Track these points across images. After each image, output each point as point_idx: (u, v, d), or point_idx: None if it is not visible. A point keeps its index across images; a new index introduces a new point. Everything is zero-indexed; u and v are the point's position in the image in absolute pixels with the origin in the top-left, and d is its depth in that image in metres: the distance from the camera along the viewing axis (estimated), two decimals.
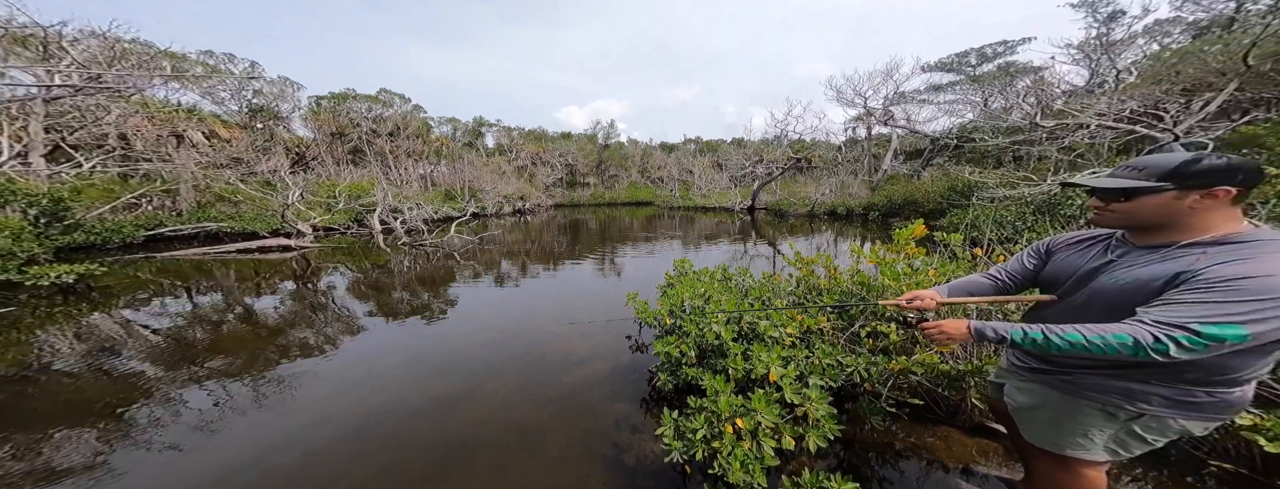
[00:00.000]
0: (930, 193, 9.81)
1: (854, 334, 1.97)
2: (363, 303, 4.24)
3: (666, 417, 1.50)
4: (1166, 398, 0.78)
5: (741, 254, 7.10)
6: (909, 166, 16.20)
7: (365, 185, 12.64)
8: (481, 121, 26.48)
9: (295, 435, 1.91)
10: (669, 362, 1.97)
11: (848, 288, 2.25)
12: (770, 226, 11.17)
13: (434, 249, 7.90)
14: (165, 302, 4.29)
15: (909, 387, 1.75)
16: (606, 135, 28.52)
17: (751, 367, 1.59)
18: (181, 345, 3.02)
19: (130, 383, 2.43)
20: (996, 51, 16.11)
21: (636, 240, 8.95)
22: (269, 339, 3.16)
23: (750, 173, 19.11)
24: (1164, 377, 0.76)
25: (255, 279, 5.38)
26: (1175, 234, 0.77)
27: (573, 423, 1.95)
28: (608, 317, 3.50)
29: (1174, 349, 0.66)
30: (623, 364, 2.58)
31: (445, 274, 5.66)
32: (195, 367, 2.65)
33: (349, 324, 3.54)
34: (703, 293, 2.33)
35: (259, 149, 13.50)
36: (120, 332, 3.34)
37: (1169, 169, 0.73)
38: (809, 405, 1.40)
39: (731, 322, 1.95)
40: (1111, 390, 0.82)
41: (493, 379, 2.42)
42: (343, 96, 18.88)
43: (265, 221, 9.05)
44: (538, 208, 19.67)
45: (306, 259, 6.87)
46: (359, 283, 5.20)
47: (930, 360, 1.58)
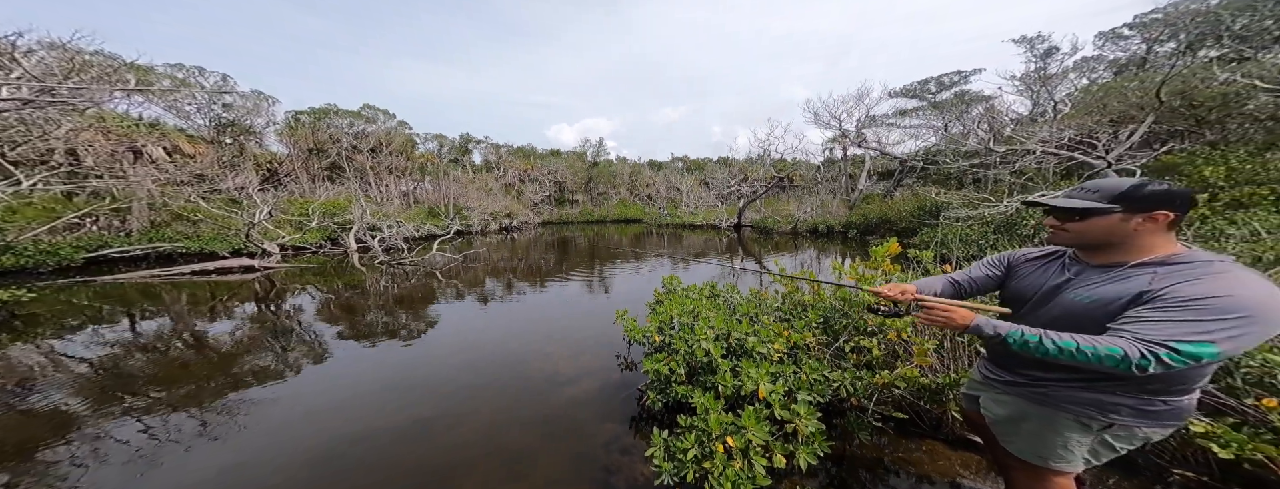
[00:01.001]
0: (902, 212, 10.41)
1: (839, 349, 2.02)
2: (332, 325, 3.99)
3: (656, 437, 1.47)
4: (1132, 408, 0.82)
5: (729, 271, 7.21)
6: (882, 186, 17.24)
7: (341, 202, 12.26)
8: (469, 138, 26.42)
9: (248, 469, 1.74)
10: (658, 380, 1.94)
11: (831, 304, 2.33)
12: (756, 243, 11.47)
13: (414, 268, 7.63)
14: (101, 330, 3.89)
15: (893, 400, 1.79)
16: (596, 153, 28.96)
17: (741, 383, 1.60)
18: (116, 376, 2.73)
19: (52, 419, 2.17)
20: (953, 80, 17.75)
21: (625, 258, 8.96)
22: (221, 366, 2.90)
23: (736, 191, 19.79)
24: (1129, 388, 0.81)
25: (211, 303, 5.01)
26: (1122, 254, 0.84)
27: (560, 446, 1.87)
28: (596, 335, 3.44)
29: (1154, 365, 0.70)
30: (612, 383, 2.52)
31: (425, 294, 5.45)
32: (132, 398, 2.39)
33: (315, 348, 3.31)
34: (691, 310, 2.35)
35: (226, 165, 12.93)
36: (45, 363, 2.99)
37: (1119, 192, 0.80)
38: (798, 422, 1.41)
39: (720, 338, 1.97)
40: (1084, 402, 0.85)
41: (475, 401, 2.31)
42: (324, 112, 18.51)
43: (226, 241, 8.56)
44: (525, 225, 19.47)
45: (271, 280, 6.48)
46: (329, 304, 4.92)
47: (911, 374, 1.64)
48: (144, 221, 8.65)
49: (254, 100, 16.75)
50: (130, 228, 8.46)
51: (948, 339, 1.91)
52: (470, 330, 3.82)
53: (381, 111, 20.22)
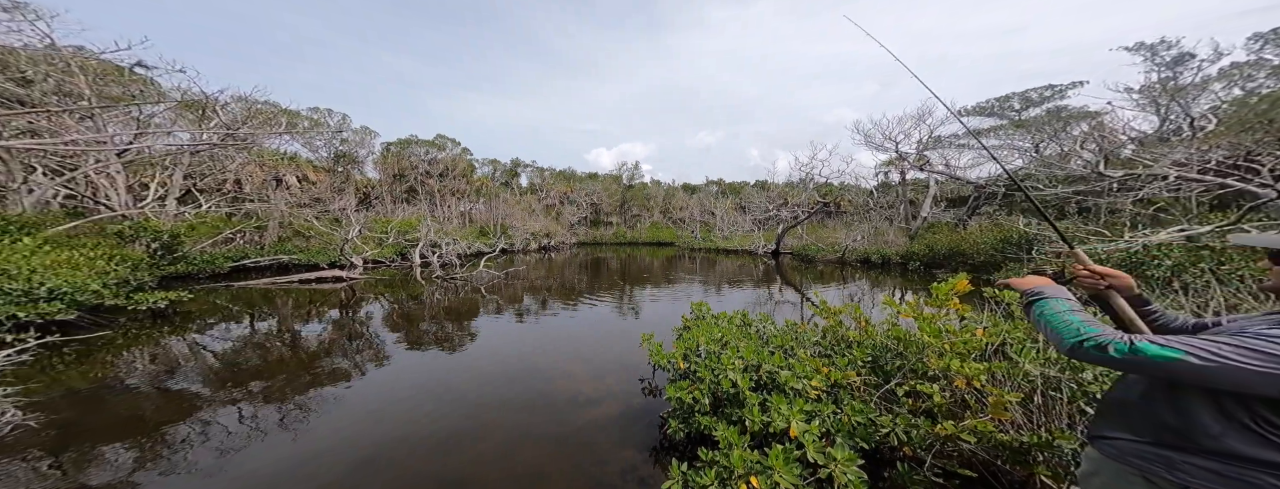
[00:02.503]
0: (980, 244, 9.07)
1: (889, 392, 1.76)
2: (392, 332, 4.48)
3: (675, 469, 1.37)
4: (1213, 471, 0.69)
5: (764, 299, 6.77)
6: (952, 214, 15.33)
7: (413, 221, 14.05)
8: (518, 163, 28.91)
9: (307, 463, 1.94)
10: (681, 408, 1.85)
11: (882, 342, 2.07)
12: (796, 272, 10.71)
13: (463, 283, 8.35)
14: (230, 327, 4.77)
15: (959, 455, 1.48)
16: (631, 176, 30.03)
17: (770, 419, 1.46)
18: (231, 368, 3.29)
19: (179, 403, 2.63)
20: (1043, 96, 15.37)
21: (656, 281, 8.91)
22: (306, 364, 3.38)
23: (774, 216, 18.97)
24: (1204, 449, 0.70)
25: (307, 307, 5.90)
26: None
27: (576, 468, 1.82)
28: (622, 356, 3.40)
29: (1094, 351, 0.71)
30: (634, 407, 2.43)
31: (470, 307, 5.89)
32: (237, 388, 2.85)
33: (377, 353, 3.73)
34: (720, 338, 2.24)
35: (335, 189, 15.76)
36: (187, 353, 3.73)
37: None
38: (835, 467, 1.23)
39: (749, 370, 1.84)
40: (1151, 458, 0.76)
41: (501, 415, 2.37)
42: (406, 142, 21.85)
43: (327, 254, 10.15)
44: (562, 245, 20.47)
45: (353, 290, 7.49)
46: (393, 313, 5.53)
47: (984, 428, 1.36)
48: (274, 237, 10.74)
49: (361, 134, 20.61)
50: (264, 242, 10.51)
51: (1038, 393, 1.57)
52: (503, 344, 4.03)
53: (450, 140, 23.17)
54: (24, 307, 4.01)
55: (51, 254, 4.95)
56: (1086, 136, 10.33)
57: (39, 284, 4.25)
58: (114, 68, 7.77)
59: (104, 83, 7.55)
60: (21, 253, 4.73)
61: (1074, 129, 12.89)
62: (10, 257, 4.52)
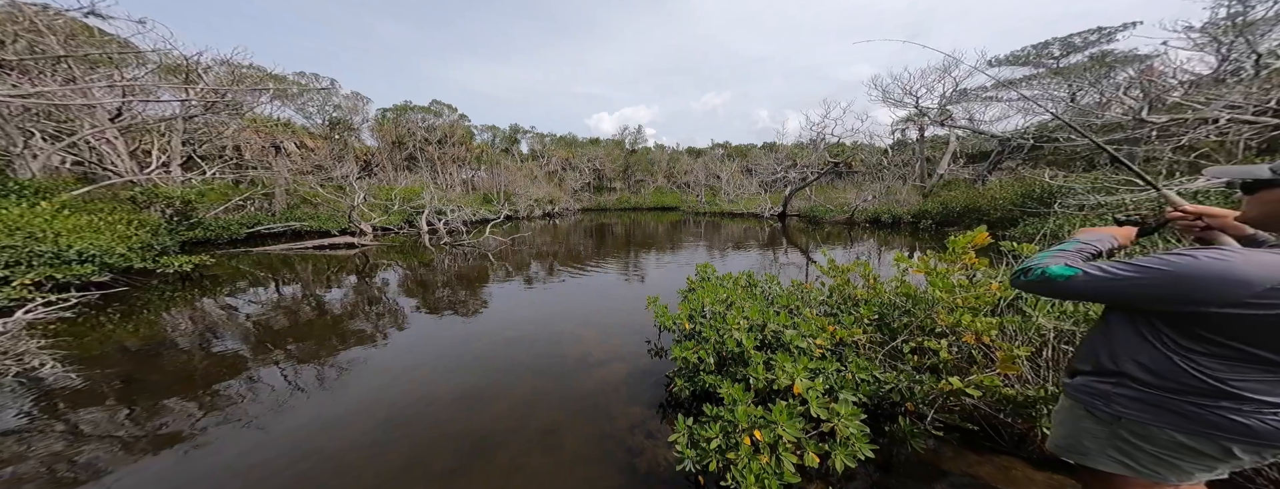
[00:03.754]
0: (998, 199, 8.70)
1: (895, 349, 1.76)
2: (409, 298, 4.62)
3: (681, 423, 1.43)
4: (1141, 400, 0.74)
5: (770, 262, 6.77)
6: (971, 170, 14.55)
7: (416, 189, 13.88)
8: (517, 129, 27.85)
9: (343, 419, 2.08)
10: (686, 367, 1.89)
11: (889, 300, 2.03)
12: (803, 234, 10.58)
13: (471, 249, 8.43)
14: (257, 291, 4.97)
15: (962, 410, 1.53)
16: (634, 141, 28.85)
17: (774, 377, 1.48)
18: (266, 330, 3.47)
19: (226, 361, 2.79)
20: (1088, 40, 13.81)
21: (661, 246, 8.90)
22: (333, 328, 3.54)
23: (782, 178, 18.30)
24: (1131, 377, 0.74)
25: (326, 272, 6.08)
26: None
27: (588, 425, 1.94)
28: (628, 319, 3.49)
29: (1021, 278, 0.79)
30: (640, 367, 2.54)
31: (479, 273, 6.00)
32: (275, 349, 3.02)
33: (397, 317, 3.88)
34: (725, 298, 2.23)
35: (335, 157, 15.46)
36: (223, 315, 3.92)
37: None
38: (837, 422, 1.26)
39: (754, 329, 1.84)
40: (1093, 391, 0.80)
41: (516, 376, 2.50)
42: (402, 108, 21.07)
43: (336, 222, 10.28)
44: (566, 211, 20.35)
45: (366, 256, 7.64)
46: (407, 279, 5.68)
47: (990, 382, 1.37)
48: (283, 204, 10.82)
49: (353, 100, 19.70)
50: (274, 209, 10.60)
51: (1049, 346, 1.56)
52: (514, 309, 4.14)
53: (446, 106, 22.21)
54: (58, 268, 4.22)
55: (71, 219, 5.07)
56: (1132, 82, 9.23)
57: (67, 247, 4.43)
58: (82, 27, 7.26)
59: (76, 43, 7.02)
60: (42, 216, 4.83)
61: (1119, 74, 11.51)
62: (33, 220, 4.63)
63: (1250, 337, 0.62)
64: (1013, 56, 15.11)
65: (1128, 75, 10.58)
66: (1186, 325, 0.67)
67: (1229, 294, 0.60)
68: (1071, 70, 13.17)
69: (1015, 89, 14.43)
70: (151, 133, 9.08)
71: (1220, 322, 0.63)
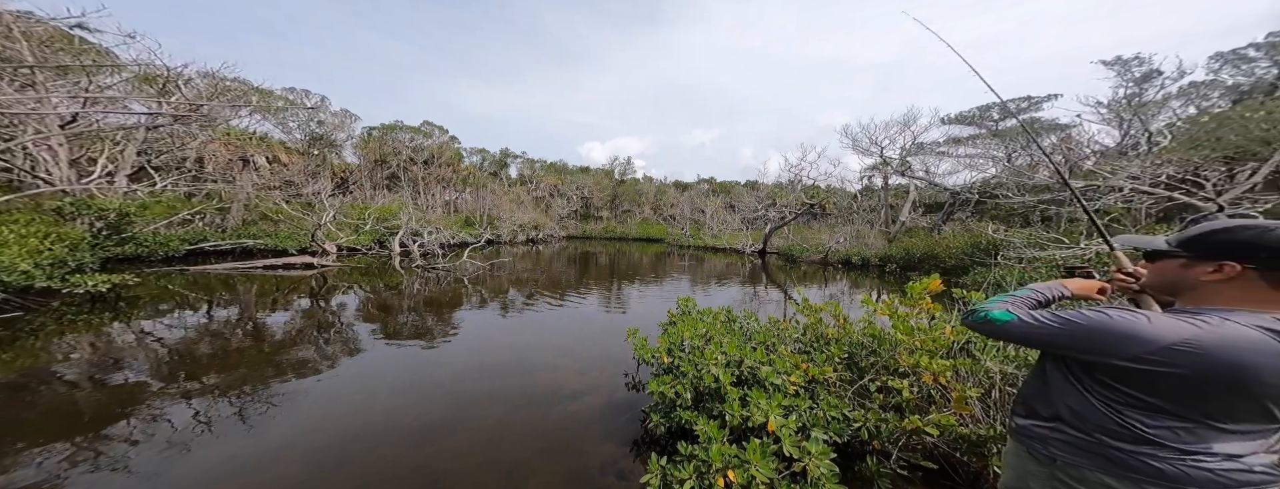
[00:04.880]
0: (952, 248, 9.53)
1: (863, 388, 1.83)
2: (368, 323, 4.30)
3: (654, 463, 1.39)
4: (1072, 444, 0.78)
5: (750, 297, 6.91)
6: (928, 220, 16.00)
7: (393, 209, 13.52)
8: (508, 153, 28.11)
9: (265, 459, 1.83)
10: (663, 402, 1.87)
11: (857, 339, 2.15)
12: (781, 272, 10.96)
13: (446, 273, 8.12)
14: (184, 314, 4.42)
15: (923, 448, 1.58)
16: (623, 171, 29.89)
17: (749, 414, 1.50)
18: (185, 359, 3.04)
19: (121, 396, 2.38)
20: (1020, 107, 15.92)
21: (645, 277, 8.93)
22: (270, 356, 3.19)
23: (763, 216, 19.31)
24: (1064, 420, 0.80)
25: (273, 294, 5.59)
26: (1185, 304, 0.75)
27: (557, 463, 1.82)
28: (607, 351, 3.41)
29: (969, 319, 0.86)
30: (616, 401, 2.45)
31: (452, 298, 5.75)
32: (191, 382, 2.64)
33: (350, 344, 3.57)
34: (704, 333, 2.27)
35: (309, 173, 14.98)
36: (132, 342, 3.41)
37: (1189, 236, 0.73)
38: (809, 461, 1.28)
39: (731, 365, 1.87)
40: (1031, 434, 0.85)
41: (481, 409, 2.34)
42: (391, 127, 20.90)
43: (296, 240, 9.63)
44: (550, 238, 20.22)
45: (324, 277, 7.15)
46: (369, 303, 5.33)
47: (947, 422, 1.44)
48: (238, 220, 10.10)
49: (341, 117, 19.61)
50: (227, 225, 9.88)
51: (996, 388, 1.68)
52: (485, 338, 3.94)
53: (438, 127, 22.33)
54: None
55: None
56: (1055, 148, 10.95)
57: None
58: (63, 35, 7.03)
59: (51, 50, 6.82)
60: None
61: (1044, 141, 13.62)
62: None
63: (1151, 389, 0.69)
64: (961, 116, 17.38)
65: (1051, 142, 12.40)
66: (1102, 375, 0.73)
67: (1131, 349, 0.67)
68: (1007, 133, 15.09)
69: (963, 146, 16.56)
70: (104, 141, 8.57)
71: (1127, 374, 0.70)
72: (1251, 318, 0.65)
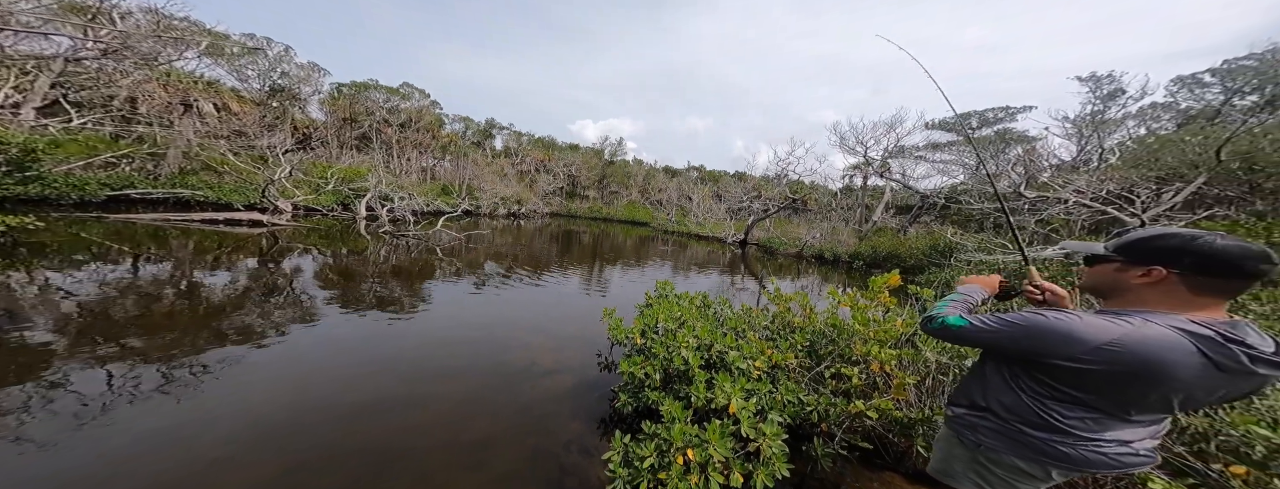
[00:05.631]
0: (913, 249, 10.17)
1: (819, 374, 1.96)
2: (326, 289, 4.05)
3: (617, 441, 1.44)
4: (996, 432, 0.88)
5: (727, 285, 7.13)
6: (897, 221, 16.87)
7: (362, 170, 12.58)
8: (493, 124, 26.93)
9: (195, 433, 1.69)
10: (632, 382, 1.91)
11: (820, 329, 2.27)
12: (759, 262, 11.32)
13: (417, 241, 7.74)
14: (102, 267, 3.91)
15: (863, 430, 1.73)
16: (613, 152, 29.15)
17: (713, 396, 1.56)
18: (102, 319, 2.70)
19: (19, 358, 2.11)
20: (997, 116, 16.66)
21: (627, 259, 8.94)
22: (208, 320, 2.92)
23: (747, 207, 19.64)
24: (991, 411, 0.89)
25: (214, 252, 5.11)
26: (1113, 305, 0.81)
27: (523, 439, 1.85)
28: (582, 331, 3.43)
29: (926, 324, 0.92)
30: (587, 381, 2.50)
31: (422, 268, 5.52)
32: (107, 343, 2.36)
33: (303, 310, 3.34)
34: (678, 317, 2.32)
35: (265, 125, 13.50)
36: (33, 296, 2.99)
37: (1126, 241, 0.79)
38: (763, 441, 1.36)
39: (702, 348, 1.93)
40: (964, 423, 0.94)
41: (446, 384, 2.30)
42: (364, 86, 19.21)
43: (243, 195, 8.84)
44: (533, 213, 19.71)
45: (275, 236, 6.62)
46: (327, 268, 5.01)
47: (885, 406, 1.58)
48: (174, 168, 9.01)
49: (308, 71, 17.62)
50: (160, 173, 8.78)
51: (930, 376, 1.84)
52: (456, 311, 3.84)
53: (418, 90, 20.77)
54: None
55: None
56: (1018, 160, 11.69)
57: None
58: None
59: None
60: None
61: (1011, 151, 14.46)
62: None
63: (1080, 385, 0.76)
64: (943, 122, 18.03)
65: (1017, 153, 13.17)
66: (1036, 373, 0.81)
67: (1069, 349, 0.73)
68: (980, 142, 15.80)
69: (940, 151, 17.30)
70: (11, 68, 7.22)
71: (1059, 371, 0.77)
72: (1168, 319, 0.71)
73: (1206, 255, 0.69)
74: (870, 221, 15.93)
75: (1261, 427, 1.29)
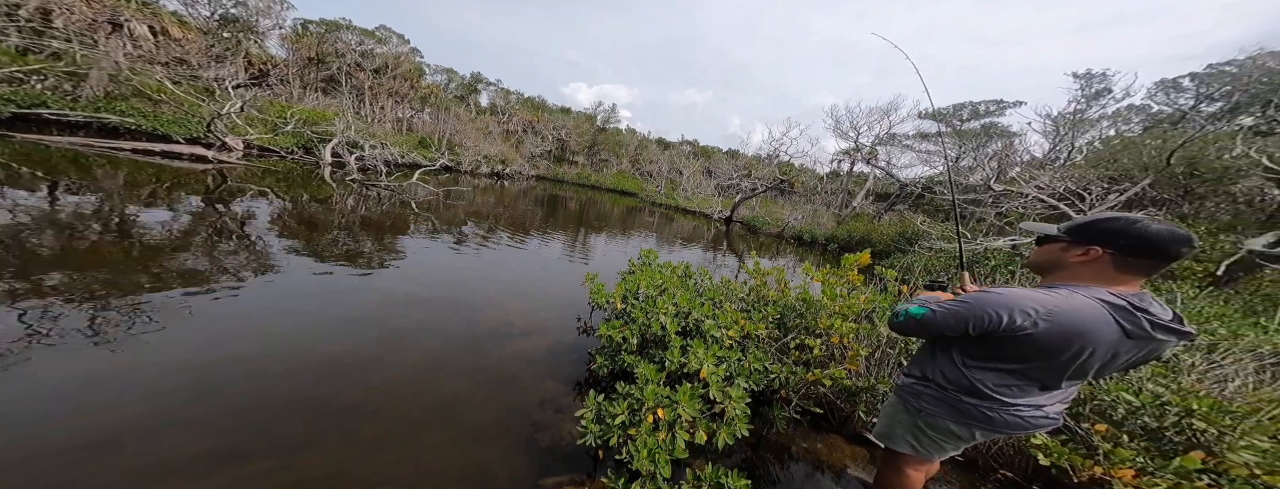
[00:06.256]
0: (884, 235, 10.66)
1: (785, 345, 2.08)
2: (285, 238, 3.76)
3: (591, 399, 1.49)
4: (935, 398, 1.00)
5: (710, 259, 7.28)
6: (875, 207, 17.43)
7: (328, 114, 11.37)
8: (479, 78, 24.87)
9: (130, 383, 1.56)
10: (610, 345, 1.96)
11: (791, 303, 2.37)
12: (742, 239, 11.56)
13: (389, 193, 7.25)
14: (10, 191, 3.44)
15: (816, 397, 1.90)
16: (606, 118, 27.71)
17: (686, 361, 1.63)
18: (11, 250, 2.41)
19: None
20: (988, 109, 16.92)
21: (612, 228, 8.85)
22: (144, 260, 2.63)
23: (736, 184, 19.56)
24: (935, 381, 1.00)
25: (150, 186, 4.58)
26: (1047, 282, 0.90)
27: (494, 397, 1.88)
28: (562, 294, 3.43)
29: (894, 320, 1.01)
30: (564, 343, 2.54)
31: (395, 222, 5.22)
32: (19, 281, 2.08)
33: (258, 258, 3.08)
34: (660, 284, 2.34)
35: (213, 56, 11.61)
36: None
37: (1076, 224, 0.86)
38: (728, 404, 1.46)
39: (679, 316, 1.98)
40: (911, 391, 1.06)
41: (416, 341, 2.27)
42: (335, 25, 16.95)
43: (185, 127, 7.88)
44: (518, 175, 18.90)
45: (223, 175, 6.02)
46: (286, 214, 4.63)
47: (839, 375, 1.72)
48: (98, 91, 7.80)
49: (268, 2, 15.06)
50: (80, 94, 7.54)
51: (880, 349, 2.01)
52: (430, 268, 3.70)
53: (396, 35, 18.62)
54: None
55: None
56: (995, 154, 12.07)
57: None
58: None
59: None
60: None
61: (991, 146, 14.86)
62: None
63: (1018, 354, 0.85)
64: (937, 113, 18.01)
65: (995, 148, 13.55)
66: (979, 347, 0.91)
67: (1010, 318, 0.81)
68: (966, 134, 16.12)
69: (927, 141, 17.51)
70: None
71: (1003, 343, 0.85)
72: (1090, 291, 0.80)
73: (1140, 238, 0.76)
74: (850, 207, 16.39)
75: (1128, 393, 1.52)
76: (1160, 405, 1.47)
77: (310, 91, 15.48)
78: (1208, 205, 7.22)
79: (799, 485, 1.55)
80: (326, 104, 13.99)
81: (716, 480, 1.23)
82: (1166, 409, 1.46)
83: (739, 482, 1.20)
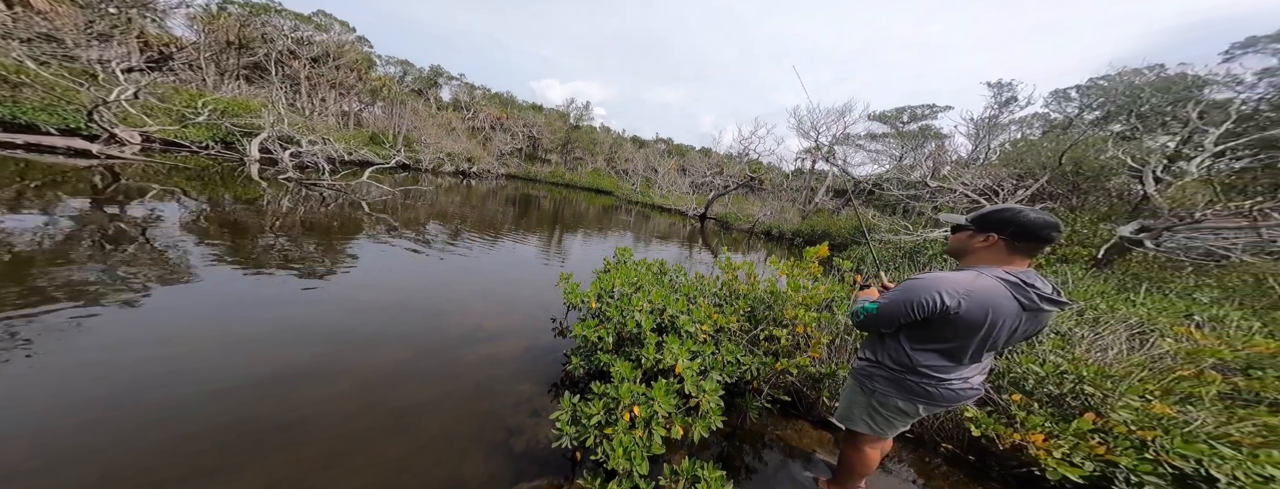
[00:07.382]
0: (842, 229, 11.52)
1: (755, 337, 2.17)
2: (203, 244, 3.27)
3: (566, 401, 1.46)
4: (885, 378, 1.12)
5: (685, 256, 7.40)
6: (834, 203, 18.73)
7: (252, 105, 10.02)
8: (439, 71, 23.30)
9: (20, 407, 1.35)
10: (585, 345, 1.93)
11: (760, 296, 2.48)
12: (716, 235, 11.90)
13: (335, 193, 6.59)
14: None
15: (785, 385, 2.00)
16: (579, 116, 27.15)
17: (662, 357, 1.64)
18: None
19: None
20: (924, 113, 18.99)
21: (588, 227, 8.71)
22: (16, 269, 2.23)
23: (710, 182, 20.03)
24: (884, 364, 1.12)
25: (14, 185, 3.83)
26: (961, 266, 1.05)
27: (463, 404, 1.79)
28: (536, 295, 3.32)
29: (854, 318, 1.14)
30: (539, 345, 2.46)
31: (343, 224, 4.75)
32: None
33: (168, 266, 2.68)
34: (635, 282, 2.34)
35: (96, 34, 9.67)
36: None
37: (978, 215, 1.02)
38: (703, 398, 1.49)
39: (655, 312, 1.99)
40: (865, 373, 1.17)
41: (370, 351, 2.09)
42: (263, 8, 14.88)
43: (58, 116, 6.63)
44: (486, 174, 18.06)
45: (113, 172, 5.17)
46: (202, 216, 4.04)
47: (804, 363, 1.83)
48: None
49: None
50: None
51: (839, 337, 2.16)
52: (387, 273, 3.43)
53: (339, 22, 16.85)
54: None
55: None
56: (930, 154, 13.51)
57: None
58: None
59: None
60: None
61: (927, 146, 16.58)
62: None
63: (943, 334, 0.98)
64: (882, 115, 19.77)
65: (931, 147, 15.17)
66: (914, 330, 1.03)
67: (936, 298, 0.94)
68: (907, 135, 18.03)
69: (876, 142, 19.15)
70: None
71: (932, 323, 0.97)
72: (991, 271, 0.95)
73: (1023, 225, 0.93)
74: (813, 203, 17.46)
75: (1035, 365, 1.77)
76: (1059, 374, 1.72)
77: (230, 79, 13.54)
78: (1091, 199, 8.65)
79: (772, 473, 1.62)
80: (252, 94, 12.42)
81: (693, 474, 1.25)
82: (1064, 377, 1.71)
83: (714, 473, 1.23)
